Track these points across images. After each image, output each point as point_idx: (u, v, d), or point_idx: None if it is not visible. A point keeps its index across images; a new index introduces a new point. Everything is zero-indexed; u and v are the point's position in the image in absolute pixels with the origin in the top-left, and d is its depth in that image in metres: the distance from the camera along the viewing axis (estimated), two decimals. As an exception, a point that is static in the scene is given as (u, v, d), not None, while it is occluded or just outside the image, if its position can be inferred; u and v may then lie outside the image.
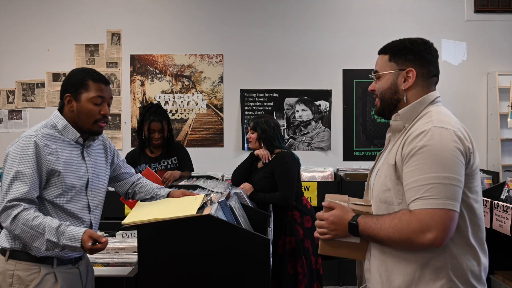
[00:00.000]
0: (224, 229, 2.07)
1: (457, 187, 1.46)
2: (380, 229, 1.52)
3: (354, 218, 1.59)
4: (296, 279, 3.32)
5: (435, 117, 1.55)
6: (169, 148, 3.77)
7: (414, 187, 1.47)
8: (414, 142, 1.51)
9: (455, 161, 1.46)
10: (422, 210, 1.45)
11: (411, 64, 1.65)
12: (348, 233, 1.60)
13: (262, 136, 3.51)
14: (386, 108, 1.73)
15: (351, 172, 4.95)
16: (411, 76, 1.65)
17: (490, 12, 5.31)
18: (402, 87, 1.66)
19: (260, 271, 2.07)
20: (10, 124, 5.30)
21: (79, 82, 2.01)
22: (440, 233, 1.43)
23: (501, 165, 5.09)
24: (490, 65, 5.32)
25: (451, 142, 1.48)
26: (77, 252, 1.96)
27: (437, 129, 1.49)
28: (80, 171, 2.02)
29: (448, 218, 1.44)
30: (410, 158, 1.50)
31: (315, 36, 5.33)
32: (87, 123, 2.02)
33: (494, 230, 2.77)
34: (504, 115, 5.10)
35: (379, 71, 1.73)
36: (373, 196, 1.67)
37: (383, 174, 1.62)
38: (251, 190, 3.43)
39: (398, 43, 1.71)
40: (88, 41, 5.28)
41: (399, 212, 1.51)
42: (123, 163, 2.36)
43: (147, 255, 2.08)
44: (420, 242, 1.45)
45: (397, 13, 5.31)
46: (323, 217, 1.65)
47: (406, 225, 1.46)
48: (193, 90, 5.33)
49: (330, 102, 5.32)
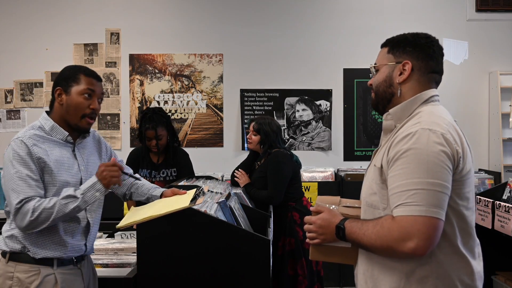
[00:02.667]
0: (224, 230, 2.08)
1: (442, 194, 1.39)
2: (363, 234, 1.46)
3: (341, 222, 1.53)
4: (296, 281, 3.32)
5: (425, 118, 1.48)
6: (172, 156, 3.67)
7: (397, 193, 1.41)
8: (400, 145, 1.44)
9: (440, 165, 1.39)
10: (403, 217, 1.38)
11: (409, 56, 1.58)
12: (336, 237, 1.54)
13: (265, 139, 3.48)
14: (380, 101, 1.65)
15: (351, 172, 4.94)
16: (407, 69, 1.57)
17: (492, 11, 5.29)
18: (397, 80, 1.59)
19: (260, 272, 2.07)
20: (8, 124, 5.28)
21: (70, 76, 2.01)
22: (421, 241, 1.36)
23: (503, 165, 5.07)
24: (492, 64, 5.30)
25: (437, 146, 1.40)
26: (99, 195, 1.95)
27: (424, 131, 1.42)
28: (73, 169, 2.01)
29: (431, 226, 1.36)
30: (394, 161, 1.44)
31: (315, 35, 5.31)
32: (75, 116, 2.00)
33: (495, 231, 2.76)
34: (506, 115, 5.09)
35: (377, 63, 1.68)
36: (362, 199, 1.62)
37: (370, 177, 1.57)
38: (247, 182, 3.44)
39: (400, 35, 1.65)
40: (87, 40, 5.26)
41: (382, 218, 1.45)
42: (121, 163, 2.33)
43: (146, 256, 2.09)
44: (401, 250, 1.38)
45: (398, 12, 5.30)
46: (311, 220, 1.61)
47: (387, 232, 1.40)
48: (193, 89, 5.31)
49: (331, 102, 5.30)
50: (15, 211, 1.83)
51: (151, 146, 3.60)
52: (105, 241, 2.62)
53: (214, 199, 2.45)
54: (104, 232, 2.88)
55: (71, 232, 1.98)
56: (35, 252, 1.90)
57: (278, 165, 3.39)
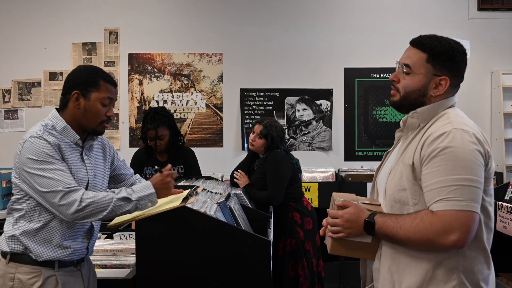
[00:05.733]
0: (224, 231, 2.09)
1: (478, 189, 1.47)
2: (400, 228, 1.51)
3: (370, 216, 1.57)
4: (297, 282, 3.32)
5: (454, 119, 1.55)
6: (176, 154, 3.67)
7: (436, 188, 1.47)
8: (435, 143, 1.50)
9: (476, 163, 1.48)
10: (445, 211, 1.45)
11: (447, 72, 1.62)
12: (363, 231, 1.58)
13: (271, 145, 3.46)
14: (406, 105, 1.68)
15: (352, 172, 4.92)
16: (443, 85, 1.62)
17: (494, 10, 5.27)
18: (432, 93, 1.63)
19: (260, 273, 2.09)
20: (6, 124, 5.25)
21: (90, 80, 1.97)
22: (463, 234, 1.44)
23: (505, 166, 5.06)
24: (494, 63, 5.29)
25: (472, 145, 1.48)
26: (150, 205, 1.93)
27: (458, 131, 1.50)
28: (80, 172, 1.99)
29: (471, 220, 1.45)
30: (431, 159, 1.50)
31: (316, 34, 5.29)
32: (93, 122, 1.99)
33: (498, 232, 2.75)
34: (508, 114, 5.11)
35: (412, 67, 1.64)
36: (386, 195, 1.64)
37: (399, 174, 1.60)
38: (246, 183, 3.43)
39: (439, 45, 1.63)
40: (85, 40, 5.24)
41: (421, 212, 1.50)
42: (123, 163, 2.34)
43: (145, 257, 2.09)
44: (442, 243, 1.45)
45: (399, 10, 5.27)
46: (337, 215, 1.61)
47: (429, 225, 1.46)
48: (192, 89, 5.29)
49: (331, 102, 5.28)
50: (61, 196, 1.79)
51: (153, 145, 3.60)
52: (104, 242, 2.62)
53: (214, 200, 2.43)
54: (103, 233, 2.86)
55: (74, 235, 1.97)
56: (37, 254, 1.89)
57: (277, 165, 3.38)
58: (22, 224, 1.90)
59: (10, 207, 1.95)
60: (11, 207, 1.94)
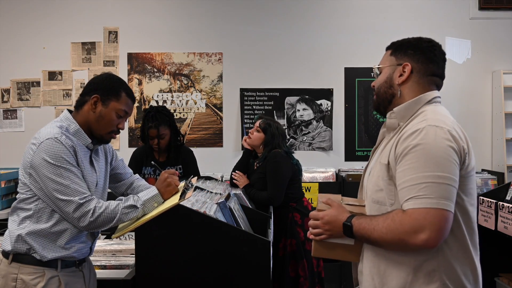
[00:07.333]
0: (223, 231, 2.08)
1: (451, 187, 1.43)
2: (373, 229, 1.49)
3: (348, 219, 1.55)
4: (297, 282, 3.32)
5: (430, 116, 1.53)
6: (175, 154, 3.67)
7: (407, 187, 1.45)
8: (408, 140, 1.48)
9: (449, 160, 1.44)
10: (415, 210, 1.42)
11: (409, 59, 1.64)
12: (343, 234, 1.57)
13: (270, 140, 3.45)
14: (381, 103, 1.72)
15: (353, 172, 4.91)
16: (406, 71, 1.63)
17: (495, 9, 5.26)
18: (396, 81, 1.65)
19: (260, 274, 2.08)
20: (5, 124, 5.23)
21: (113, 88, 2.01)
22: (433, 233, 1.40)
23: (506, 166, 5.04)
24: (495, 63, 5.28)
25: (445, 141, 1.45)
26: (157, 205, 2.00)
27: (431, 128, 1.47)
28: (92, 177, 2.02)
29: (442, 218, 1.41)
30: (403, 157, 1.48)
31: (316, 33, 5.28)
32: (103, 130, 2.02)
33: (498, 232, 2.73)
34: (510, 114, 5.10)
35: (380, 65, 1.74)
36: (367, 196, 1.65)
37: (376, 174, 1.60)
38: (246, 183, 3.42)
39: (404, 39, 1.71)
40: (85, 39, 5.23)
41: (392, 212, 1.49)
42: (121, 162, 2.34)
43: (145, 258, 2.09)
44: (413, 242, 1.42)
45: (400, 10, 5.27)
46: (317, 216, 1.62)
47: (399, 225, 1.43)
48: (192, 89, 5.28)
49: (332, 101, 5.27)
50: (75, 207, 1.85)
51: (153, 144, 3.59)
52: (103, 242, 2.62)
53: (214, 200, 2.42)
54: (102, 233, 2.85)
55: (79, 236, 1.98)
56: (42, 255, 1.89)
57: (277, 165, 3.37)
58: (29, 224, 1.90)
59: (16, 206, 1.94)
60: (17, 206, 1.94)
